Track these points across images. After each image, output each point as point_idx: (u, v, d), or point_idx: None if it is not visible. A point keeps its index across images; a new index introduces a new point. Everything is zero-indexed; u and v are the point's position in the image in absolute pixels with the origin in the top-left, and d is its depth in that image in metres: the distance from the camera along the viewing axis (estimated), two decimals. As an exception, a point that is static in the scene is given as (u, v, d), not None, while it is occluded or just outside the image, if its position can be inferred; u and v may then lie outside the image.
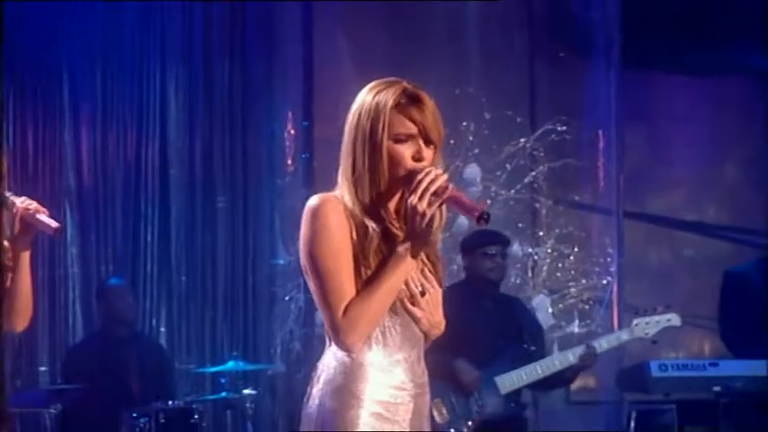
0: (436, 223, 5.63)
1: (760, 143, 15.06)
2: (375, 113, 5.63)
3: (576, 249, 14.59)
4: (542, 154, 14.57)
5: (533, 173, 14.55)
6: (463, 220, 13.13)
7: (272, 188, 14.67)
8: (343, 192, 5.66)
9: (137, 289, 13.95)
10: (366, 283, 5.62)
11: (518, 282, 13.98)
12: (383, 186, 5.69)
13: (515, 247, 14.15)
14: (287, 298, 14.34)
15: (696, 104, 15.30)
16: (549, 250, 14.29)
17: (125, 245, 14.21)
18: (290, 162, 14.66)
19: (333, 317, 5.58)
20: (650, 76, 15.03)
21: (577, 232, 14.72)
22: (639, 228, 15.07)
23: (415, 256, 5.67)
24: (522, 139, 14.56)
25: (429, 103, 5.72)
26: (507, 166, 14.52)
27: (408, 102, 5.63)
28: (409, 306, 5.80)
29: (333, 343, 5.81)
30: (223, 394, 13.05)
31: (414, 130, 5.61)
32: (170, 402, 12.84)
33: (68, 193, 14.15)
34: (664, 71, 15.07)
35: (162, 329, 14.24)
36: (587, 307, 14.32)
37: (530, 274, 14.17)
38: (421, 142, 5.63)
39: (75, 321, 13.71)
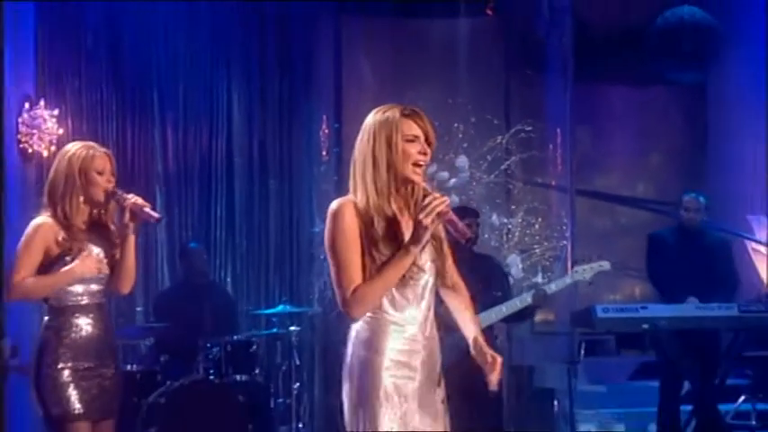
0: (428, 237, 5.82)
1: (677, 138, 15.23)
2: (387, 124, 5.85)
3: (539, 219, 14.60)
4: (514, 147, 14.60)
5: (507, 162, 14.59)
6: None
7: (310, 174, 14.82)
8: (358, 193, 5.84)
9: (209, 250, 14.08)
10: (375, 271, 5.79)
11: (496, 245, 14.02)
12: (395, 181, 5.83)
13: (494, 218, 14.35)
14: (321, 257, 14.27)
15: (629, 108, 15.43)
16: (520, 220, 14.31)
17: (200, 217, 14.45)
18: (324, 154, 14.76)
19: (344, 295, 5.78)
20: (595, 88, 15.11)
21: (541, 206, 14.73)
22: (586, 202, 15.12)
23: (408, 259, 5.79)
24: (499, 137, 14.58)
25: (425, 115, 5.95)
26: (488, 157, 14.55)
27: (411, 113, 5.90)
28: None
29: (345, 310, 5.92)
30: (274, 330, 13.15)
31: (419, 132, 5.86)
32: (234, 336, 12.91)
33: (157, 177, 14.28)
34: (605, 84, 15.13)
35: (228, 280, 14.43)
36: (548, 263, 14.37)
37: (504, 239, 14.25)
38: (423, 142, 5.81)
39: (164, 274, 13.83)
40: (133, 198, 7.64)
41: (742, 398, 13.64)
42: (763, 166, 14.39)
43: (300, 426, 13.03)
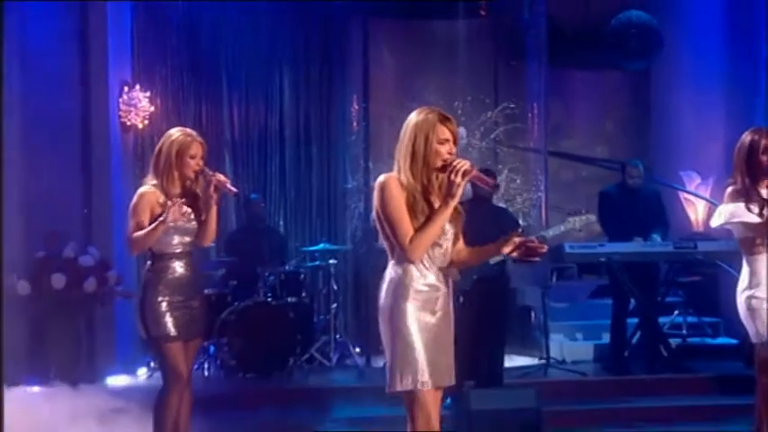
0: (461, 191, 5.86)
1: (626, 111, 15.39)
2: (426, 126, 5.91)
3: (520, 176, 14.72)
4: (501, 120, 14.70)
5: (496, 131, 14.69)
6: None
7: (344, 142, 14.90)
8: (401, 173, 5.90)
9: (266, 200, 14.26)
10: (419, 227, 5.85)
11: (487, 197, 13.47)
12: (427, 170, 5.90)
13: None
14: (352, 206, 14.62)
15: (590, 88, 15.37)
16: (505, 177, 14.34)
17: (259, 174, 14.64)
18: (354, 126, 14.81)
19: (403, 245, 5.84)
20: (564, 73, 15.02)
21: (521, 166, 14.88)
22: (556, 161, 15.00)
23: (448, 210, 5.87)
24: (489, 112, 14.68)
25: (454, 120, 6.04)
26: (481, 128, 14.62)
27: (446, 119, 5.94)
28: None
29: (394, 260, 6.05)
30: (317, 262, 13.32)
31: (450, 136, 5.94)
32: (286, 267, 13.13)
33: (226, 144, 14.47)
34: (571, 69, 15.01)
35: (281, 223, 14.58)
36: (527, 210, 14.44)
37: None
38: (451, 143, 5.91)
39: (231, 219, 13.97)
40: (217, 176, 7.85)
41: (676, 312, 13.79)
42: (693, 132, 14.61)
43: (337, 336, 13.07)
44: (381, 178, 6.01)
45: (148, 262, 7.87)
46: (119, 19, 13.21)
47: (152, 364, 12.24)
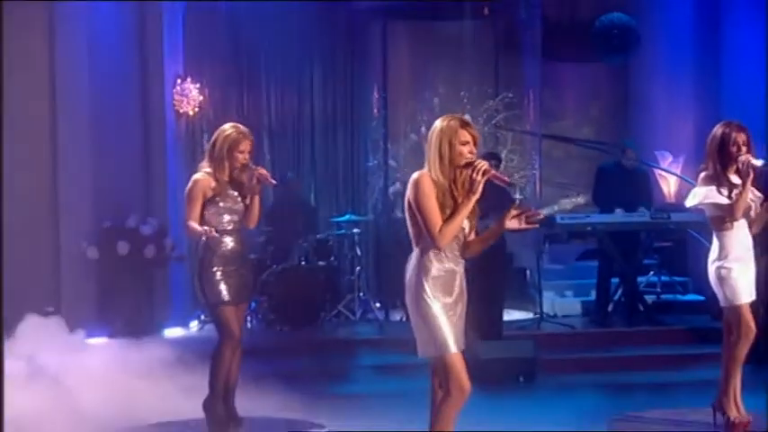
0: (480, 188, 5.83)
1: (609, 98, 15.30)
2: (450, 131, 5.85)
3: (517, 155, 14.76)
4: (501, 108, 14.70)
5: (497, 118, 14.69)
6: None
7: (366, 127, 14.83)
8: (431, 171, 5.86)
9: (300, 177, 14.17)
10: (446, 219, 5.82)
11: None
12: (453, 169, 5.88)
13: None
14: (373, 182, 14.65)
15: (578, 79, 15.25)
16: (504, 157, 14.21)
17: (293, 155, 14.64)
18: (375, 112, 14.69)
19: (433, 233, 5.79)
20: (556, 65, 14.93)
21: (519, 147, 14.88)
22: (549, 141, 14.80)
23: (470, 204, 5.86)
24: (491, 101, 14.72)
25: (473, 125, 6.06)
26: (484, 114, 14.63)
27: (465, 124, 5.91)
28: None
29: (419, 248, 5.95)
30: (343, 231, 13.33)
31: (470, 138, 5.89)
32: (317, 235, 13.16)
33: (264, 128, 14.33)
34: (562, 62, 14.94)
35: (312, 197, 14.45)
36: (523, 185, 14.34)
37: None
38: (472, 144, 5.89)
39: (270, 194, 13.50)
40: (260, 170, 7.89)
41: (651, 273, 13.81)
42: (666, 117, 14.62)
43: (360, 294, 13.05)
44: (415, 175, 6.00)
45: (206, 235, 7.79)
46: (172, 19, 13.27)
47: (202, 317, 12.47)
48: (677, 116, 14.49)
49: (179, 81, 13.26)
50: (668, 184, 14.29)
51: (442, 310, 5.94)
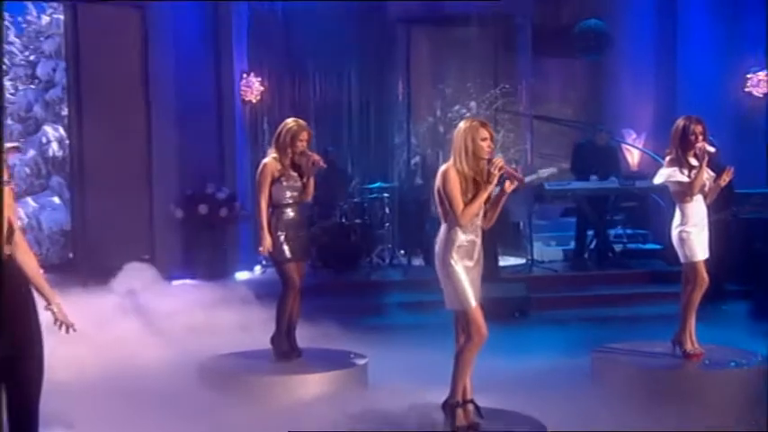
0: (496, 180, 5.85)
1: (586, 87, 15.06)
2: (472, 130, 5.89)
3: (512, 134, 14.63)
4: (499, 95, 14.56)
5: (495, 104, 14.52)
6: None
7: (393, 112, 14.60)
8: (456, 163, 5.85)
9: (339, 151, 13.91)
10: (468, 202, 5.81)
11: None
12: (475, 161, 5.85)
13: None
14: (398, 156, 14.58)
15: (562, 72, 15.03)
16: (502, 135, 14.18)
17: (333, 134, 14.21)
18: (400, 99, 14.54)
19: (457, 214, 5.79)
20: (544, 60, 14.71)
21: (514, 126, 14.71)
22: (538, 122, 14.52)
23: (486, 192, 5.85)
24: (492, 90, 14.57)
25: (490, 125, 6.07)
26: (486, 101, 14.56)
27: (483, 124, 5.95)
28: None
29: (447, 224, 5.96)
30: (374, 195, 13.23)
31: (488, 135, 5.90)
32: (354, 199, 13.21)
33: (312, 112, 14.02)
34: (549, 59, 14.69)
35: (349, 168, 14.26)
36: (518, 156, 14.40)
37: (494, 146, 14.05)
38: (489, 140, 5.90)
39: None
40: (314, 156, 7.83)
41: (619, 227, 13.67)
42: (631, 102, 14.49)
43: (389, 245, 13.13)
44: (443, 167, 6.00)
45: (271, 208, 7.81)
46: (239, 24, 13.22)
47: (264, 263, 12.44)
48: (640, 101, 14.37)
49: (244, 76, 13.21)
50: (633, 156, 14.20)
51: (464, 272, 5.94)
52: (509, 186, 6.10)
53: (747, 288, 11.17)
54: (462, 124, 6.10)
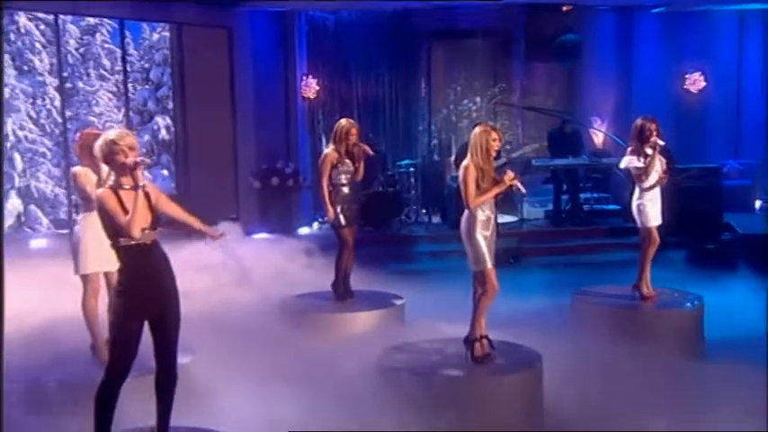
0: (504, 188, 5.86)
1: (563, 85, 14.56)
2: (485, 134, 5.81)
3: (507, 121, 14.31)
4: (498, 92, 14.26)
5: (495, 98, 14.28)
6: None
7: (417, 106, 14.16)
8: (474, 159, 5.77)
9: (376, 136, 13.48)
10: (479, 193, 5.75)
11: None
12: (486, 156, 5.79)
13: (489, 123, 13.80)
14: (421, 139, 14.28)
15: (546, 73, 14.61)
16: (499, 123, 13.82)
17: (373, 123, 13.75)
18: (423, 96, 14.25)
19: (469, 200, 5.76)
20: (532, 64, 14.40)
21: (509, 115, 14.42)
22: (527, 112, 14.17)
23: (494, 192, 5.80)
24: (492, 88, 14.29)
25: (499, 130, 6.05)
26: (487, 96, 14.24)
27: (494, 129, 5.88)
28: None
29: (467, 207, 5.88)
30: (402, 170, 13.01)
31: (497, 137, 5.86)
32: (388, 172, 12.90)
33: (354, 107, 13.78)
34: (537, 63, 14.36)
35: (384, 149, 13.65)
36: (512, 138, 14.06)
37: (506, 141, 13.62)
38: (498, 142, 5.81)
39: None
40: (363, 146, 7.84)
41: (587, 192, 13.36)
42: (598, 96, 14.18)
43: (414, 207, 13.00)
44: (465, 163, 5.89)
45: (331, 187, 7.78)
46: (300, 36, 13.11)
47: (320, 220, 12.37)
48: (604, 95, 14.14)
49: (304, 77, 13.10)
50: (598, 138, 14.05)
51: (483, 240, 5.93)
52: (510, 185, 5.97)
53: (684, 240, 11.10)
54: (477, 129, 6.04)
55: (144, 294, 4.36)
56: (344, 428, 5.25)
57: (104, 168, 5.35)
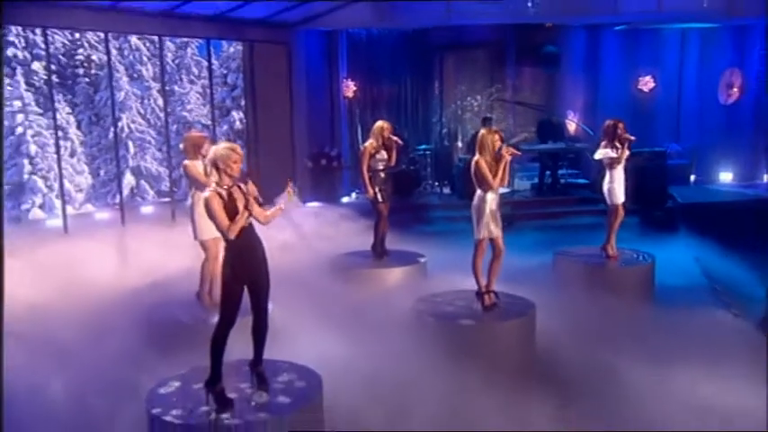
0: (509, 159, 5.77)
1: (545, 84, 14.29)
2: (490, 135, 5.77)
3: (502, 114, 14.03)
4: (494, 91, 13.97)
5: (491, 97, 14.00)
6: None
7: (432, 103, 13.87)
8: (484, 155, 5.70)
9: (400, 127, 13.03)
10: (494, 176, 5.72)
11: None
12: (490, 153, 5.72)
13: (488, 114, 13.43)
14: (435, 129, 13.96)
15: (532, 76, 14.25)
16: (495, 114, 13.72)
17: (396, 117, 13.38)
18: (436, 95, 13.85)
19: (490, 184, 5.68)
20: (521, 69, 14.11)
21: (502, 110, 14.09)
22: (517, 107, 13.90)
23: (504, 162, 5.71)
24: (489, 88, 13.99)
25: (499, 131, 5.93)
26: (486, 94, 13.96)
27: (497, 131, 5.82)
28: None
29: (480, 189, 5.77)
30: (420, 153, 12.91)
31: (498, 137, 5.79)
32: (411, 155, 12.69)
33: (382, 105, 13.52)
34: (525, 67, 14.09)
35: (406, 136, 13.13)
36: (504, 128, 13.45)
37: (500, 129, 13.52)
38: (499, 140, 5.77)
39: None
40: (396, 139, 7.70)
41: (564, 169, 13.17)
42: (572, 94, 13.94)
43: (430, 182, 12.82)
44: (475, 158, 5.85)
45: (370, 173, 7.68)
46: (342, 47, 12.88)
47: (357, 192, 12.27)
48: (576, 94, 13.89)
49: (344, 81, 12.97)
50: (572, 127, 13.81)
51: (490, 214, 5.92)
52: (509, 156, 5.88)
53: (638, 208, 11.00)
54: (483, 131, 5.98)
55: (243, 266, 4.43)
56: (383, 360, 5.28)
57: (200, 164, 5.54)
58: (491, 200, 5.92)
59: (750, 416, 4.69)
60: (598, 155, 7.68)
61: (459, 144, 13.67)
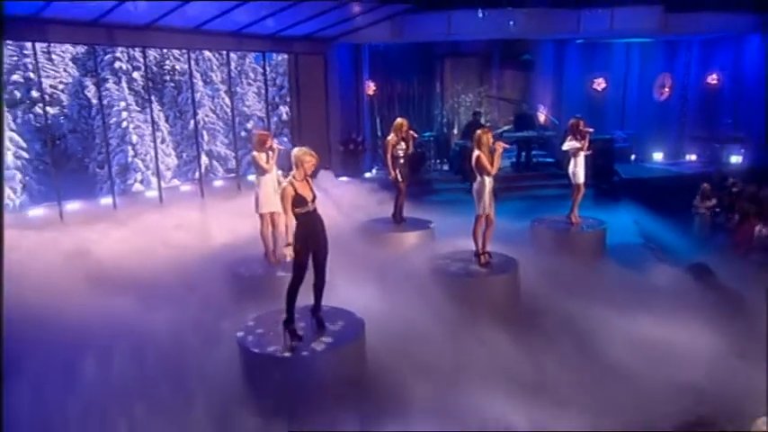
0: (500, 152, 5.74)
1: (523, 83, 13.93)
2: (486, 135, 5.76)
3: (489, 107, 13.81)
4: (483, 90, 13.70)
5: (481, 94, 13.72)
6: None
7: (435, 101, 13.57)
8: (482, 150, 5.67)
9: (411, 120, 12.26)
10: (491, 163, 5.62)
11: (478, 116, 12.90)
12: (486, 147, 5.69)
13: (478, 109, 13.32)
14: (437, 120, 13.70)
15: (512, 76, 13.92)
16: (484, 108, 13.51)
17: (407, 112, 13.12)
18: (438, 94, 13.66)
19: (489, 170, 5.64)
20: (504, 71, 13.84)
21: (489, 105, 13.82)
22: (501, 102, 13.62)
23: (497, 153, 5.66)
24: (479, 88, 13.71)
25: (493, 131, 5.90)
26: (476, 92, 13.68)
27: (489, 131, 5.78)
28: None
29: (479, 175, 5.77)
30: (426, 139, 12.65)
31: (490, 134, 5.77)
32: (418, 140, 12.33)
33: (396, 102, 13.28)
34: (507, 70, 13.82)
35: (416, 125, 12.85)
36: (491, 120, 13.53)
37: (487, 119, 13.36)
38: (490, 138, 5.73)
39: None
40: (412, 133, 7.58)
41: (535, 151, 12.96)
42: (542, 92, 13.66)
43: (433, 161, 12.71)
44: (476, 153, 5.80)
45: (391, 159, 7.55)
46: (365, 55, 12.54)
47: (376, 167, 12.11)
48: (546, 91, 13.67)
49: (367, 81, 12.76)
50: (542, 118, 13.64)
51: (487, 194, 5.93)
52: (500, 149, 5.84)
53: (591, 183, 10.89)
54: (479, 132, 5.94)
55: (309, 238, 4.64)
56: (405, 306, 5.42)
57: (264, 155, 5.58)
58: (489, 182, 5.96)
59: (679, 340, 4.92)
60: (565, 146, 7.66)
61: (455, 131, 13.59)
